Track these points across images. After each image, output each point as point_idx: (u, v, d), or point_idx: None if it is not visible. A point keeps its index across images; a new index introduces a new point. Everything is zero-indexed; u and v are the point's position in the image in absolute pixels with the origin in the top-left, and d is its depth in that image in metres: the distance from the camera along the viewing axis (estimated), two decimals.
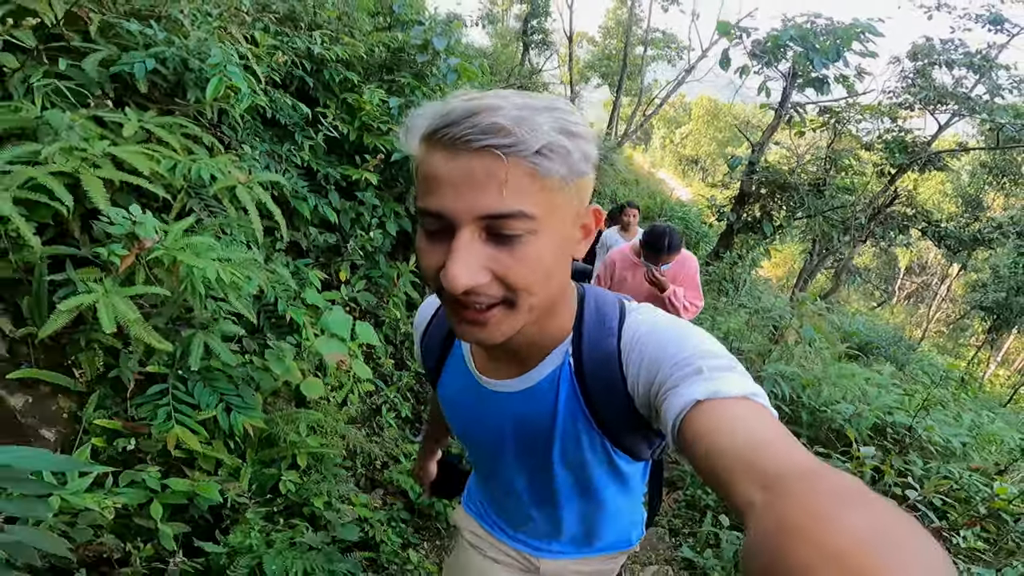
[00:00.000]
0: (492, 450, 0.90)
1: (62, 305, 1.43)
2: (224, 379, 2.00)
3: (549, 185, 0.57)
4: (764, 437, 0.50)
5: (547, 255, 0.60)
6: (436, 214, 0.57)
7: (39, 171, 1.51)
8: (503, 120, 0.54)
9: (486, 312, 0.61)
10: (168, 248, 1.63)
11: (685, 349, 0.63)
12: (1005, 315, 12.45)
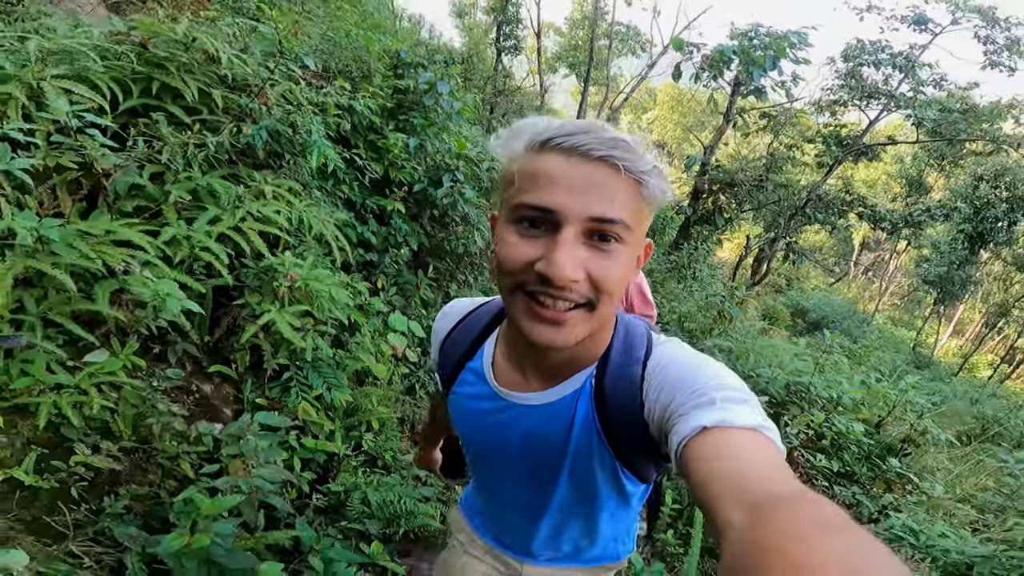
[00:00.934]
0: (497, 460, 0.93)
1: (260, 321, 2.30)
2: (324, 366, 2.88)
3: (643, 205, 0.65)
4: (759, 466, 0.52)
5: (627, 267, 0.66)
6: (544, 208, 0.62)
7: (220, 227, 2.36)
8: (624, 137, 0.62)
9: (567, 313, 0.64)
10: (304, 278, 2.50)
11: (701, 380, 0.64)
12: (948, 288, 13.65)
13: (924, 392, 6.20)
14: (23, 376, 1.66)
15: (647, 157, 0.64)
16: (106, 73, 2.39)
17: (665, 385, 0.68)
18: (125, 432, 1.97)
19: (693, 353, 0.74)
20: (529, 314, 0.66)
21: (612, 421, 0.75)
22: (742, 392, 0.63)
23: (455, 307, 1.01)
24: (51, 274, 1.69)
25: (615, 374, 0.75)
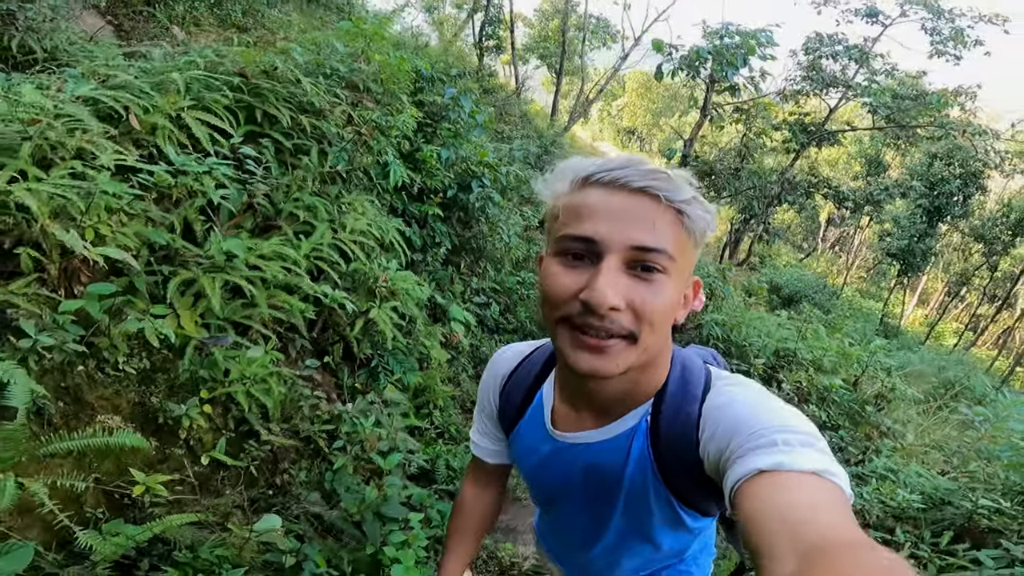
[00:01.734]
0: (557, 494, 0.94)
1: (370, 315, 2.78)
2: (400, 353, 3.37)
3: (686, 237, 0.65)
4: (817, 513, 0.49)
5: (672, 298, 0.66)
6: (587, 239, 0.64)
7: (327, 239, 2.83)
8: (662, 169, 0.64)
9: (607, 341, 0.65)
10: (392, 278, 2.99)
11: (763, 422, 0.62)
12: (910, 260, 14.18)
13: (891, 355, 7.02)
14: (230, 370, 2.12)
15: (687, 188, 0.65)
16: (218, 103, 2.78)
17: (721, 425, 0.67)
18: (276, 416, 2.44)
19: (756, 391, 0.72)
20: (573, 343, 0.67)
21: (667, 459, 0.76)
22: (807, 435, 0.60)
23: (514, 349, 1.00)
24: (240, 284, 2.15)
25: (671, 412, 0.75)
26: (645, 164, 0.65)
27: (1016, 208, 14.41)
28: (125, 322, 1.75)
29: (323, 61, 3.55)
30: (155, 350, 1.97)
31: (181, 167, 2.07)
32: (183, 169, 2.12)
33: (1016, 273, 18.19)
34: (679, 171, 0.67)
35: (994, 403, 6.60)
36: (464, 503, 1.12)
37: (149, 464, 1.95)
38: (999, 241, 14.91)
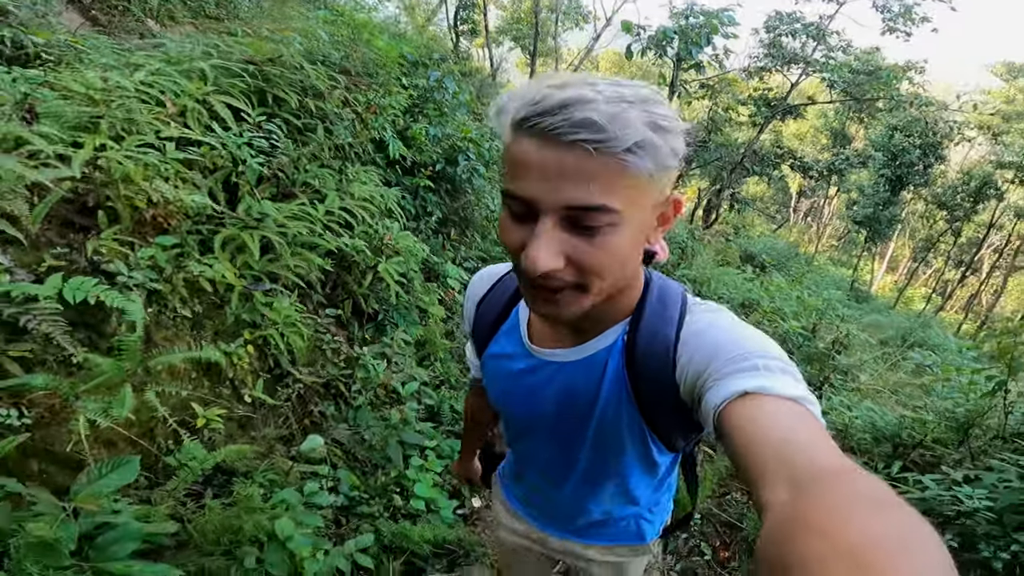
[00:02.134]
0: (528, 420, 0.93)
1: (378, 269, 3.14)
2: (403, 308, 3.74)
3: (635, 181, 0.59)
4: (803, 438, 0.51)
5: (625, 246, 0.63)
6: (522, 199, 0.61)
7: (337, 204, 3.17)
8: (595, 116, 0.55)
9: (556, 294, 0.65)
10: (396, 238, 3.34)
11: (743, 347, 0.63)
12: (876, 227, 14.76)
13: (847, 307, 7.61)
14: (269, 314, 2.47)
15: (629, 131, 0.56)
16: (235, 87, 3.09)
17: (701, 348, 0.68)
18: (303, 359, 2.80)
19: (732, 318, 0.73)
20: (530, 292, 0.68)
21: (642, 378, 0.75)
22: (785, 362, 0.61)
23: (488, 272, 1.00)
24: (273, 239, 2.50)
25: (648, 332, 0.75)
26: (583, 107, 0.56)
27: (976, 177, 15.20)
28: (184, 269, 2.09)
29: (318, 48, 3.86)
30: (204, 297, 2.31)
31: (221, 141, 2.40)
32: (223, 143, 2.45)
33: (980, 239, 19.21)
34: (622, 101, 0.57)
35: (945, 351, 7.21)
36: (470, 409, 1.30)
37: (204, 402, 2.30)
38: (961, 208, 15.70)
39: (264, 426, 2.42)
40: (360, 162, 3.97)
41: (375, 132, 3.89)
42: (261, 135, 2.83)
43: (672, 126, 0.60)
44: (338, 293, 3.54)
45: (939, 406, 4.12)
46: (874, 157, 13.34)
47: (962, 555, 2.66)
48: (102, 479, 1.34)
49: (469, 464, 1.40)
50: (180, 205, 2.13)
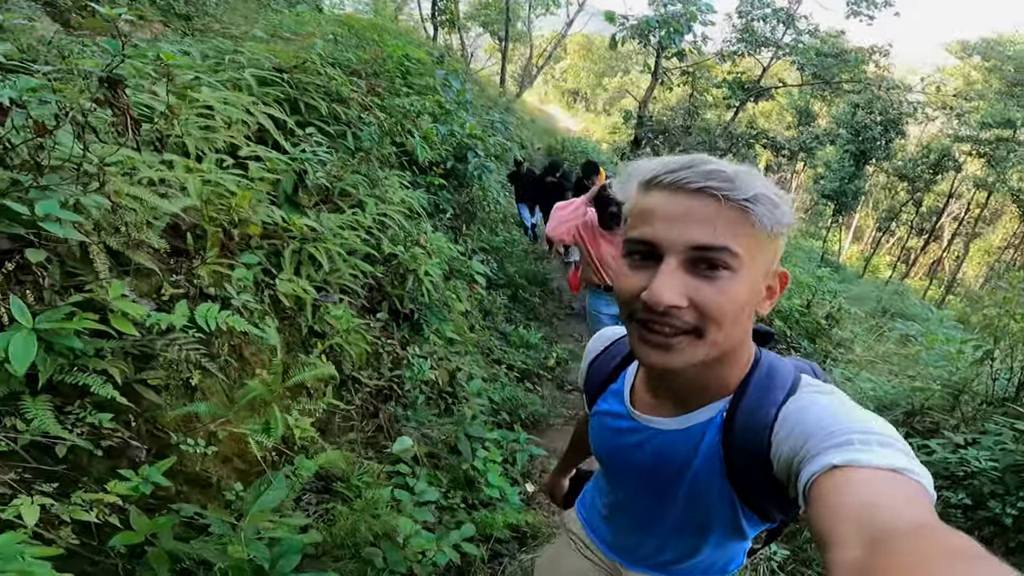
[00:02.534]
0: (624, 474, 0.96)
1: (418, 272, 3.23)
2: (435, 306, 3.84)
3: (755, 232, 0.65)
4: (889, 500, 0.48)
5: (742, 295, 0.66)
6: (646, 242, 0.67)
7: (377, 209, 3.25)
8: (723, 168, 0.64)
9: (673, 338, 0.66)
10: (430, 239, 3.44)
11: (840, 424, 0.61)
12: (843, 200, 15.56)
13: (835, 282, 8.01)
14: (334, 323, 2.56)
15: (751, 184, 0.64)
16: (269, 95, 3.11)
17: (797, 427, 0.66)
18: (362, 363, 2.90)
19: (840, 399, 0.70)
20: (640, 340, 0.69)
21: (736, 454, 0.76)
22: (886, 436, 0.58)
23: (605, 333, 1.05)
24: (334, 250, 2.58)
25: (748, 409, 0.75)
26: (706, 164, 0.66)
27: (935, 150, 16.07)
28: (271, 286, 2.17)
29: (336, 53, 3.88)
30: (280, 311, 2.39)
31: (290, 156, 2.47)
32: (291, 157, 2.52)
33: (940, 207, 20.32)
34: (742, 167, 0.67)
35: (927, 321, 7.64)
36: (576, 435, 1.35)
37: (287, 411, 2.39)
38: (921, 179, 16.60)
39: (340, 431, 2.52)
40: (380, 164, 4.04)
41: (400, 137, 3.95)
42: (310, 146, 2.89)
43: (781, 197, 0.67)
44: (373, 295, 3.63)
45: (933, 374, 4.42)
46: (841, 134, 13.88)
47: (976, 512, 2.89)
48: (262, 497, 1.44)
49: (559, 482, 1.43)
50: (259, 222, 2.19)
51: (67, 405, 1.34)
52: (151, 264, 1.56)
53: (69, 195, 1.29)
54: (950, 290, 20.06)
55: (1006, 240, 22.89)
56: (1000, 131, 15.28)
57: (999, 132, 15.37)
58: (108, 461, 1.41)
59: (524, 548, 2.56)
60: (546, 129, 19.87)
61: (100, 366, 1.35)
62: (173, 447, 1.50)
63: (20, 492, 1.18)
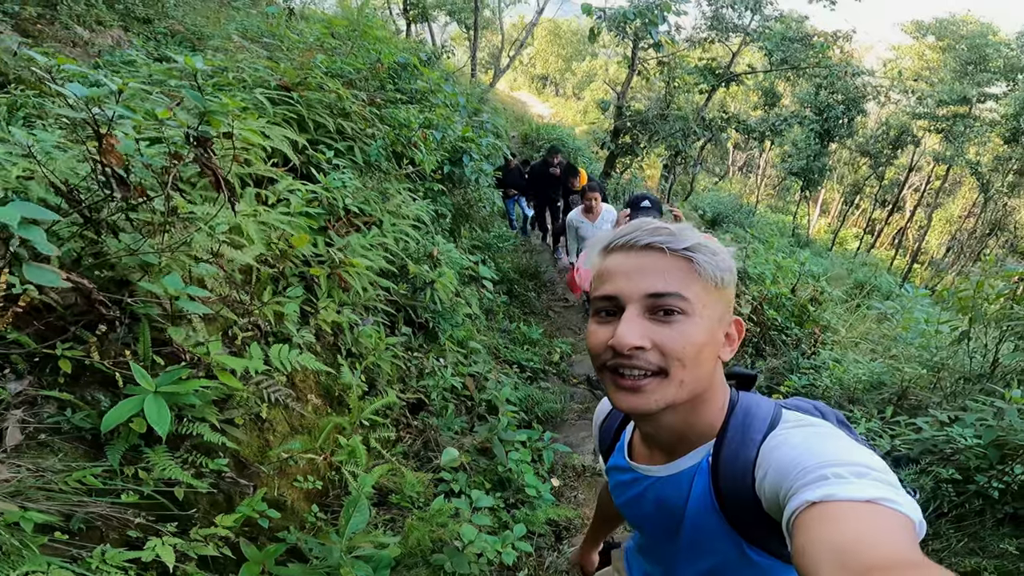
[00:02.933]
0: (636, 520, 1.03)
1: (435, 284, 3.34)
2: (447, 314, 3.95)
3: (702, 281, 0.74)
4: (867, 535, 0.49)
5: (698, 336, 0.73)
6: (609, 297, 0.76)
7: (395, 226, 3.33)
8: (666, 225, 0.77)
9: (642, 380, 0.73)
10: (441, 250, 3.54)
11: (814, 458, 0.63)
12: (809, 176, 16.32)
13: (815, 264, 8.37)
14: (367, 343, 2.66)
15: (690, 236, 0.74)
16: (278, 115, 3.14)
17: (773, 466, 0.69)
18: (394, 377, 3.00)
19: (813, 433, 0.73)
20: (613, 386, 0.75)
21: (729, 498, 0.78)
22: (861, 466, 0.60)
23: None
24: (363, 273, 2.67)
25: (731, 452, 0.79)
26: (650, 224, 0.77)
27: (893, 126, 16.76)
28: (318, 316, 2.26)
29: (334, 65, 3.91)
30: (322, 334, 2.48)
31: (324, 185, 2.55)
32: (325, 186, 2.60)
33: (901, 180, 21.22)
34: (682, 225, 0.77)
35: (900, 298, 8.00)
36: (601, 503, 1.38)
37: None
38: (882, 155, 17.31)
39: (385, 446, 2.63)
40: (385, 176, 4.11)
41: (400, 148, 4.02)
42: (334, 170, 2.95)
43: (719, 248, 0.77)
44: (390, 308, 3.72)
45: (913, 354, 4.66)
46: (807, 116, 14.35)
47: (964, 485, 3.06)
48: (352, 520, 1.57)
49: (590, 555, 1.45)
50: (296, 253, 2.27)
51: (174, 451, 1.43)
52: (228, 313, 1.65)
53: (187, 264, 1.37)
54: (916, 259, 21.02)
55: (966, 209, 23.94)
56: (956, 108, 16.14)
57: (955, 109, 16.26)
58: (212, 498, 1.51)
59: (561, 541, 2.74)
60: (518, 116, 19.92)
61: (201, 414, 1.44)
62: (263, 478, 1.61)
63: (150, 535, 1.28)
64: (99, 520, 1.17)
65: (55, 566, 1.00)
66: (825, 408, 0.92)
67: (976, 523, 3.03)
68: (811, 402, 0.92)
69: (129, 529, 1.23)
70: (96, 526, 1.21)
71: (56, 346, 1.24)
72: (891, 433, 3.59)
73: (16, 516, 0.98)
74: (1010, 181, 19.31)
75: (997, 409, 3.21)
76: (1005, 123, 16.60)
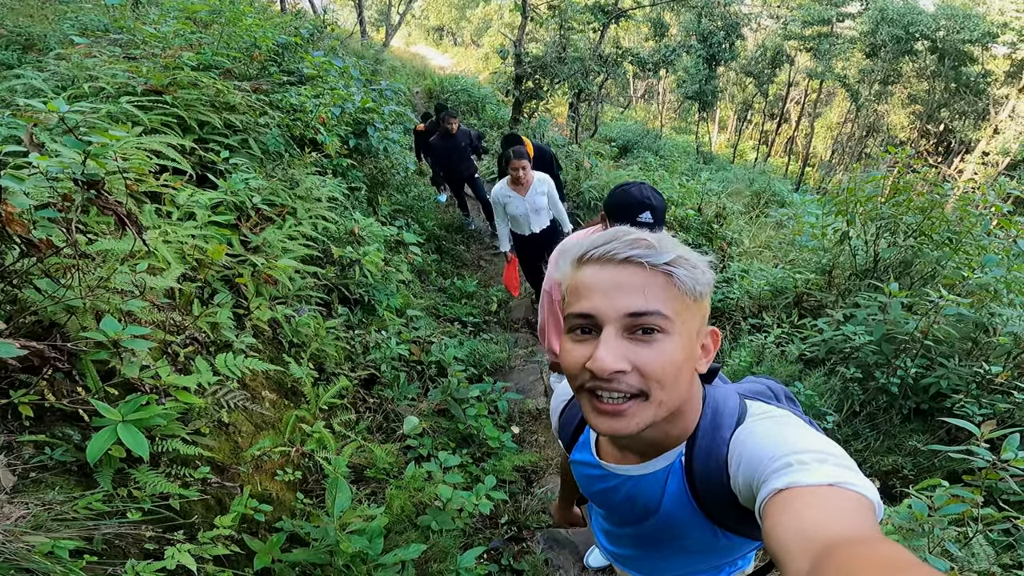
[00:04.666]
0: (606, 509, 1.04)
1: (363, 260, 3.36)
2: (380, 285, 3.96)
3: (681, 296, 0.70)
4: (827, 515, 0.53)
5: (678, 354, 0.70)
6: (586, 315, 0.70)
7: (307, 216, 3.30)
8: (645, 237, 0.70)
9: (623, 404, 0.70)
10: (362, 227, 3.55)
11: (779, 448, 0.66)
12: (704, 99, 17.67)
13: (716, 182, 8.92)
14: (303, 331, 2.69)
15: (670, 250, 0.70)
16: (154, 120, 2.94)
17: (744, 460, 0.71)
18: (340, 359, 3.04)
19: (777, 424, 0.75)
20: (592, 409, 0.72)
21: (704, 494, 0.80)
22: (822, 452, 0.63)
23: (564, 389, 1.08)
24: (287, 267, 2.67)
25: (702, 453, 0.80)
26: (629, 235, 0.71)
27: (769, 48, 18.22)
28: (251, 317, 2.27)
29: (201, 58, 3.69)
30: (259, 331, 2.49)
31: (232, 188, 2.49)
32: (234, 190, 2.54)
33: (783, 95, 23.02)
34: (662, 235, 0.73)
35: (793, 204, 8.68)
36: (564, 468, 1.39)
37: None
38: (763, 74, 18.68)
39: (347, 426, 2.72)
40: (287, 160, 3.99)
41: (298, 131, 3.91)
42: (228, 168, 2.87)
43: (704, 261, 0.74)
44: (320, 292, 3.71)
45: (807, 258, 5.04)
46: (693, 45, 15.07)
47: (867, 383, 3.27)
48: (336, 501, 1.68)
49: (568, 512, 1.50)
50: (213, 259, 2.24)
51: (156, 468, 1.48)
52: (164, 335, 1.65)
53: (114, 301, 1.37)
54: (807, 163, 22.99)
55: (842, 116, 26.10)
56: (819, 28, 17.64)
57: (818, 29, 17.86)
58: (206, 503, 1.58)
59: (532, 484, 2.97)
60: (419, 71, 19.32)
61: (170, 431, 1.49)
62: (244, 477, 1.68)
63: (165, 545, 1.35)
64: (116, 539, 1.23)
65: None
66: (775, 386, 1.00)
67: (885, 420, 3.22)
68: (763, 382, 1.00)
69: (145, 543, 1.29)
70: (117, 545, 1.26)
71: (11, 395, 1.24)
72: (799, 336, 3.86)
73: (48, 546, 1.03)
74: (876, 90, 21.43)
75: (882, 304, 3.40)
76: (863, 39, 18.32)
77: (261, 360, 1.86)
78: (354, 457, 2.34)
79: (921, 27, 18.33)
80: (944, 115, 21.84)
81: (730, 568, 1.11)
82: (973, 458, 1.65)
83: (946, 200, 3.96)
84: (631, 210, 1.89)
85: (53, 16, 6.56)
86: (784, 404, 0.89)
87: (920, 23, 18.31)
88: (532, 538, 2.52)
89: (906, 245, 4.01)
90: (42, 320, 1.47)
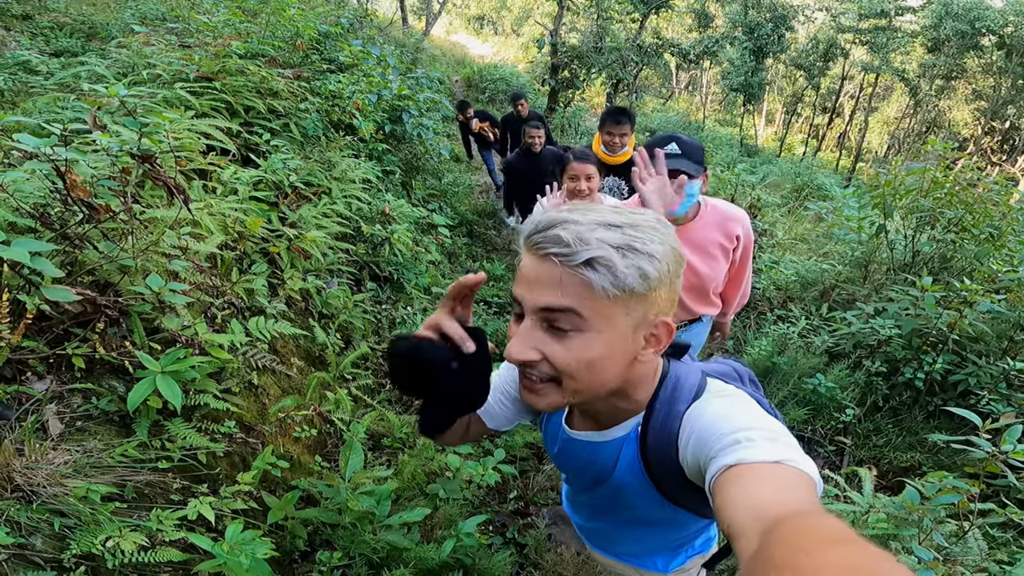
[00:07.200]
0: (568, 474, 1.10)
1: (392, 238, 3.51)
2: (409, 264, 4.11)
3: (601, 295, 0.67)
4: (774, 491, 0.56)
5: (591, 352, 0.70)
6: (517, 301, 0.73)
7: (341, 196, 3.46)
8: (564, 234, 0.66)
9: (538, 384, 0.74)
10: (392, 207, 3.69)
11: (726, 426, 0.69)
12: (750, 91, 17.14)
13: (754, 172, 8.72)
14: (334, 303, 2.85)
15: (591, 249, 0.65)
16: (204, 105, 3.15)
17: (695, 435, 0.74)
18: (367, 332, 3.20)
19: (730, 403, 0.77)
20: (520, 380, 0.77)
21: (655, 466, 0.84)
22: (769, 431, 0.66)
23: None
24: (319, 241, 2.82)
25: (657, 425, 0.82)
26: (562, 228, 0.67)
27: (822, 40, 17.73)
28: (285, 287, 2.43)
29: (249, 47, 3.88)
30: (293, 302, 2.66)
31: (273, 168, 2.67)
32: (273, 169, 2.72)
33: (837, 88, 22.13)
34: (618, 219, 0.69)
35: (834, 198, 8.43)
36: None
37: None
38: (815, 67, 18.34)
39: (369, 394, 2.88)
40: (327, 145, 4.17)
41: (336, 116, 4.07)
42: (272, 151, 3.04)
43: (647, 249, 0.67)
44: (353, 266, 3.89)
45: (843, 251, 4.94)
46: (737, 36, 14.70)
47: (893, 378, 3.23)
48: (349, 463, 1.81)
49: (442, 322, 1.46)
50: (252, 231, 2.41)
51: (188, 422, 1.64)
52: (204, 297, 1.81)
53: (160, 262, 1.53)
54: (859, 158, 22.09)
55: (900, 111, 24.92)
56: (876, 20, 17.12)
57: (875, 21, 17.25)
58: (230, 459, 1.73)
59: (542, 461, 3.06)
60: (459, 60, 19.46)
61: (203, 387, 1.64)
62: (267, 436, 1.83)
63: (189, 497, 1.50)
64: (146, 488, 1.38)
65: (127, 530, 1.21)
66: (742, 369, 1.01)
67: (909, 417, 3.18)
68: (730, 363, 1.00)
69: (171, 493, 1.45)
70: (145, 493, 1.41)
71: (66, 347, 1.41)
72: (827, 330, 3.81)
73: (83, 489, 1.18)
74: (938, 85, 20.43)
75: (915, 299, 3.30)
76: (925, 33, 17.47)
77: (290, 326, 2.00)
78: (372, 425, 2.49)
79: (988, 22, 17.43)
80: (1010, 112, 20.74)
81: (688, 551, 1.16)
82: (973, 449, 1.65)
83: (1001, 196, 3.79)
84: (660, 142, 1.92)
85: (115, 5, 6.94)
86: (746, 387, 0.92)
87: (987, 18, 17.43)
88: (538, 514, 2.62)
89: (946, 239, 3.87)
90: (98, 280, 1.65)
